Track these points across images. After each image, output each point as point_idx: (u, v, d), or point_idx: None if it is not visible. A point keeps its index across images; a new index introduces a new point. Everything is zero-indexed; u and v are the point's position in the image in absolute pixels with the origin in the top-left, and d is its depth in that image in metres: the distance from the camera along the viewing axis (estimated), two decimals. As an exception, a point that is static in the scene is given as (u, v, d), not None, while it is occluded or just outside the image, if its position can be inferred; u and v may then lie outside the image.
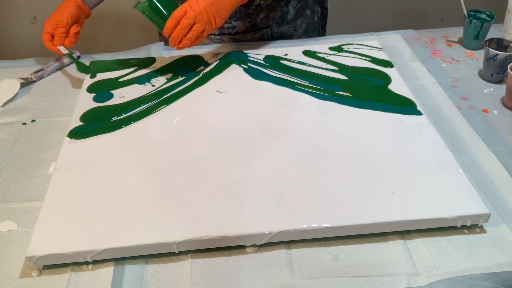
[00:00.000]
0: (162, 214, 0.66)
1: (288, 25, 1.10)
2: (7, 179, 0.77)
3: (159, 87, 0.92)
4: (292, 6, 1.07)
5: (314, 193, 0.68)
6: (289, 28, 1.10)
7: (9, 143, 0.84)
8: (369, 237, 0.66)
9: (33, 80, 0.99)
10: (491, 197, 0.71)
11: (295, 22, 1.10)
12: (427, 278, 0.61)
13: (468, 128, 0.84)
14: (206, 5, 0.85)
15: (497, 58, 0.93)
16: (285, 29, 1.10)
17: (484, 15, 1.07)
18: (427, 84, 0.96)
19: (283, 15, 1.07)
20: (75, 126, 0.83)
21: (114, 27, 1.92)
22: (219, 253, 0.65)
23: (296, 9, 1.08)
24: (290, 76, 0.94)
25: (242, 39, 1.08)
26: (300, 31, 1.13)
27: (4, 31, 1.91)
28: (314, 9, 1.12)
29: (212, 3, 0.85)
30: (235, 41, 1.08)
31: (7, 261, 0.64)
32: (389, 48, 1.07)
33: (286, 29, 1.10)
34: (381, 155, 0.74)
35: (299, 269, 0.62)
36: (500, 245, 0.64)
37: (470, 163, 0.77)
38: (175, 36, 0.86)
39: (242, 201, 0.67)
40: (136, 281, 0.62)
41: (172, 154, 0.76)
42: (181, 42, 0.87)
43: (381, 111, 0.84)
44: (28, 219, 0.70)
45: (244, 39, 1.08)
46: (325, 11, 1.16)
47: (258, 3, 1.03)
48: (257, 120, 0.83)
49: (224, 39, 1.08)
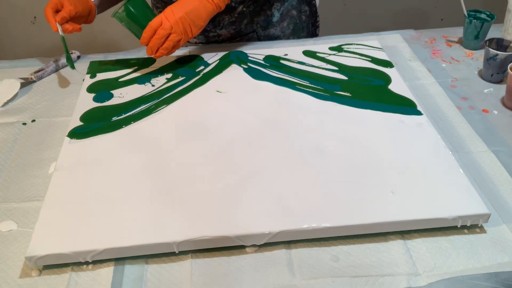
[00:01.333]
0: (162, 214, 0.66)
1: (275, 28, 1.10)
2: (7, 179, 0.77)
3: (159, 87, 0.92)
4: (276, 9, 1.07)
5: (314, 193, 0.68)
6: (275, 30, 1.10)
7: (9, 143, 0.84)
8: (369, 237, 0.66)
9: (33, 80, 0.99)
10: (491, 197, 0.71)
11: (282, 24, 1.10)
12: (427, 278, 0.61)
13: (468, 128, 0.84)
14: (182, 16, 0.86)
15: (497, 58, 0.93)
16: (271, 32, 1.10)
17: (484, 15, 1.07)
18: (427, 84, 0.96)
19: (268, 19, 1.08)
20: (75, 126, 0.83)
21: (114, 27, 1.92)
22: (219, 253, 0.65)
23: (281, 11, 1.08)
24: (290, 76, 0.94)
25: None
26: (288, 32, 1.13)
27: (4, 31, 1.92)
28: (301, 9, 1.12)
29: (188, 13, 0.86)
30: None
31: (7, 261, 0.64)
32: (389, 48, 1.07)
33: (273, 31, 1.10)
34: (381, 155, 0.74)
35: (299, 269, 0.62)
36: (500, 245, 0.64)
37: (470, 163, 0.77)
38: (152, 46, 0.88)
39: (242, 201, 0.67)
40: (136, 281, 0.62)
41: (172, 154, 0.76)
42: (157, 51, 0.89)
43: (381, 111, 0.84)
44: (28, 219, 0.70)
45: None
46: (314, 8, 1.15)
47: (240, 10, 1.03)
48: (257, 120, 0.83)
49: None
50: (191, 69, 0.97)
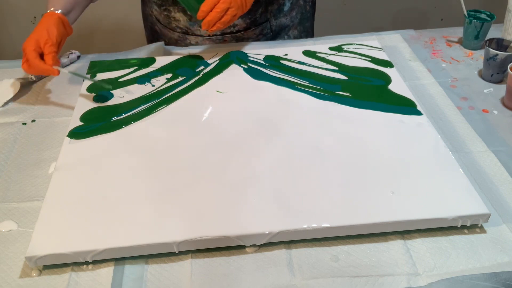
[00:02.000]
0: (162, 214, 0.66)
1: (285, 17, 1.11)
2: (7, 179, 0.77)
3: (159, 87, 0.92)
4: None
5: (314, 193, 0.68)
6: (286, 19, 1.12)
7: (9, 143, 0.84)
8: (369, 237, 0.66)
9: (33, 80, 0.99)
10: (491, 197, 0.71)
11: (291, 13, 1.12)
12: (427, 278, 0.61)
13: (468, 128, 0.84)
14: None
15: (497, 58, 0.93)
16: (282, 21, 1.11)
17: (484, 15, 1.07)
18: (427, 84, 0.96)
19: (280, 8, 1.09)
20: (75, 126, 0.83)
21: (114, 27, 1.92)
22: (219, 253, 0.65)
23: (291, 0, 1.10)
24: (290, 76, 0.94)
25: (243, 36, 1.09)
26: (296, 22, 1.14)
27: (4, 31, 1.92)
28: None
29: None
30: (236, 39, 1.08)
31: (7, 261, 0.64)
32: (389, 48, 1.07)
33: (283, 21, 1.11)
34: (381, 155, 0.74)
35: (299, 269, 0.62)
36: (500, 245, 0.64)
37: (470, 163, 0.77)
38: (210, 20, 0.88)
39: (242, 201, 0.67)
40: (136, 281, 0.62)
41: (172, 154, 0.76)
42: (214, 25, 0.89)
43: (381, 111, 0.84)
44: (28, 219, 0.70)
45: (245, 36, 1.09)
46: None
47: None
48: (257, 120, 0.83)
49: (226, 39, 1.08)
50: (191, 69, 0.97)
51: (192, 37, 1.09)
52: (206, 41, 1.09)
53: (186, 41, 1.10)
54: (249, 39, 1.10)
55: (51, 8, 0.92)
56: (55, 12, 0.92)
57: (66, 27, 0.93)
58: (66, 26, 0.93)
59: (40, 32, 0.88)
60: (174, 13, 1.06)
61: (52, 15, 0.91)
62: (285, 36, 1.14)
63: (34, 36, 0.88)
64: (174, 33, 1.10)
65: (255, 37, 1.10)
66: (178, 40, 1.12)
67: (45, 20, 0.90)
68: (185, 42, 1.11)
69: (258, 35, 1.10)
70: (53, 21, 0.90)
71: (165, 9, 1.07)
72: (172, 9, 1.06)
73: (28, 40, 0.88)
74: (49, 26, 0.89)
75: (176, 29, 1.09)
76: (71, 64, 1.05)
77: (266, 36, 1.11)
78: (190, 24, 1.06)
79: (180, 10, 1.05)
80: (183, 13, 1.05)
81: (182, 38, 1.10)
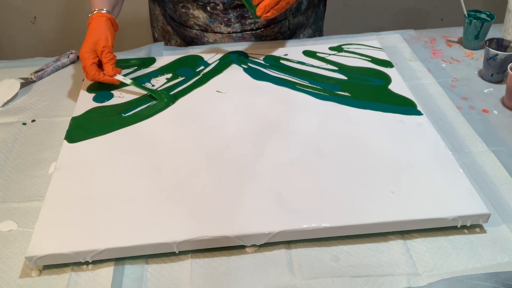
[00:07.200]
0: (162, 214, 0.66)
1: (302, 16, 1.11)
2: (7, 179, 0.77)
3: (159, 87, 0.92)
4: None
5: (314, 193, 0.68)
6: (302, 18, 1.12)
7: (9, 143, 0.84)
8: (369, 237, 0.66)
9: (33, 80, 0.99)
10: (491, 197, 0.71)
11: (307, 12, 1.12)
12: (427, 278, 0.61)
13: (468, 128, 0.84)
14: None
15: (497, 58, 0.93)
16: (299, 20, 1.11)
17: (484, 15, 1.07)
18: (427, 84, 0.96)
19: (299, 6, 1.09)
20: (74, 127, 0.82)
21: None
22: (219, 253, 0.65)
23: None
24: (290, 76, 0.94)
25: (262, 34, 1.08)
26: (311, 21, 1.15)
27: (4, 31, 1.91)
28: None
29: None
30: (255, 37, 1.08)
31: (7, 261, 0.64)
32: (389, 48, 1.07)
33: (300, 19, 1.12)
34: (381, 155, 0.74)
35: (299, 269, 0.62)
36: (500, 245, 0.65)
37: (470, 163, 0.77)
38: (267, 5, 0.88)
39: (242, 201, 0.67)
40: (136, 281, 0.62)
41: (172, 154, 0.76)
42: (269, 11, 0.89)
43: (381, 111, 0.84)
44: (28, 219, 0.70)
45: (264, 34, 1.08)
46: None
47: None
48: (257, 120, 0.83)
49: (245, 36, 1.08)
50: (191, 69, 0.97)
51: (211, 34, 1.07)
52: (225, 38, 1.08)
53: (204, 39, 1.09)
54: (268, 37, 1.09)
55: (96, 9, 0.92)
56: (102, 12, 0.92)
57: (114, 26, 0.94)
58: (114, 25, 0.94)
59: (95, 38, 0.89)
60: (193, 10, 1.04)
61: (101, 16, 0.91)
62: (300, 35, 1.14)
63: (89, 43, 0.88)
64: (192, 31, 1.08)
65: (273, 35, 1.10)
66: (195, 39, 1.10)
67: (96, 24, 0.91)
68: (202, 40, 1.09)
69: (276, 33, 1.10)
70: (104, 23, 0.91)
71: (183, 6, 1.05)
72: (190, 6, 1.04)
73: (84, 48, 0.88)
74: (102, 30, 0.90)
75: (194, 27, 1.07)
76: (71, 64, 1.05)
77: (284, 35, 1.11)
78: (210, 21, 1.05)
79: (199, 7, 1.03)
80: (203, 10, 1.03)
81: (200, 36, 1.09)
